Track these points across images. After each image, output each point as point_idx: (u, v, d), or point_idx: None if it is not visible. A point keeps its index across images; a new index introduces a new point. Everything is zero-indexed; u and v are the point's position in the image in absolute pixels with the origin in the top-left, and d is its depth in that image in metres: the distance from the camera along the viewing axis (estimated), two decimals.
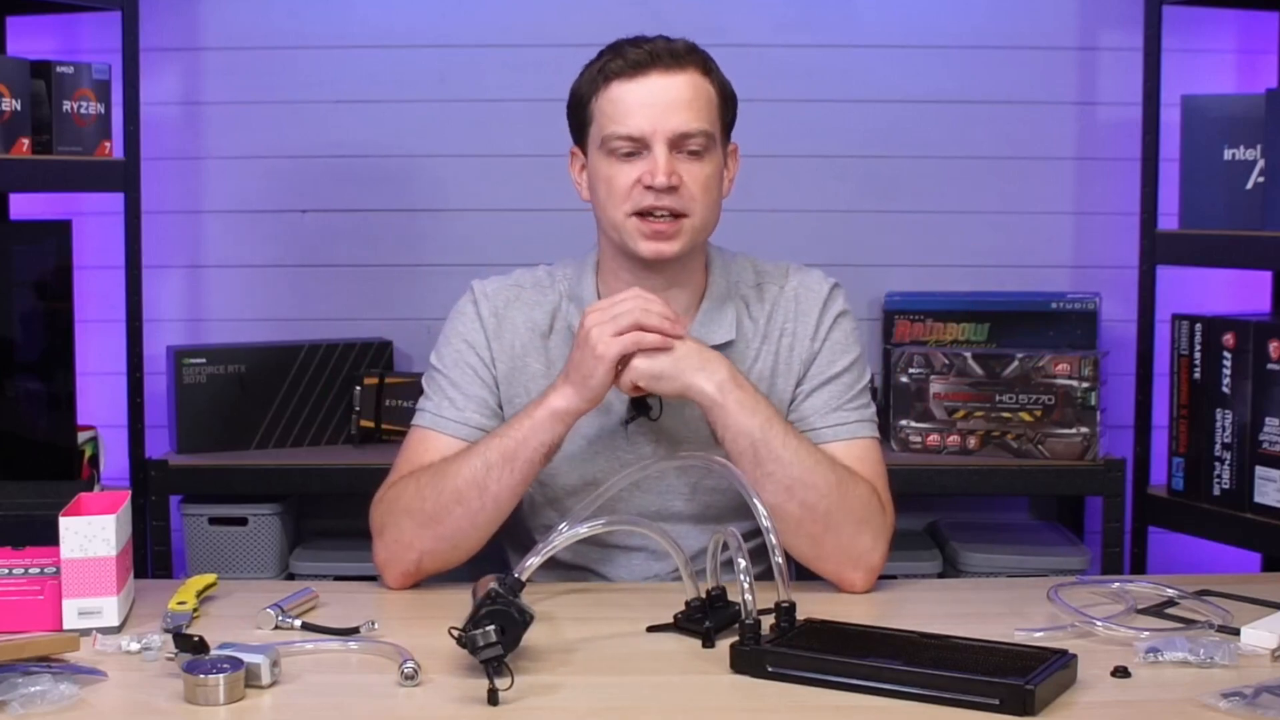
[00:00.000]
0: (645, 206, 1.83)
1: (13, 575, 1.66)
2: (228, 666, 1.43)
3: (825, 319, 1.94)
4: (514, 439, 1.80)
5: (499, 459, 1.79)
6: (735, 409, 1.78)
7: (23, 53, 2.77)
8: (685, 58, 1.85)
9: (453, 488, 1.80)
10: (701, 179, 1.84)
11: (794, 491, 1.78)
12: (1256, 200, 2.56)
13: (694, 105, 1.84)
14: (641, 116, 1.82)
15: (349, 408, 3.00)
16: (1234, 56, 3.08)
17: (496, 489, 1.80)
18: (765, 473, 1.77)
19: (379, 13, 3.08)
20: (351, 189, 3.11)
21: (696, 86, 1.85)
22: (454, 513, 1.80)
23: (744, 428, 1.78)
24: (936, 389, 2.89)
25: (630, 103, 1.83)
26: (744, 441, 1.78)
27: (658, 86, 1.83)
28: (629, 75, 1.84)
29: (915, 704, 1.43)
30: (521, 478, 1.81)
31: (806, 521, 1.79)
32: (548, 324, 1.95)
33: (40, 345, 2.61)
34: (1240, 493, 2.62)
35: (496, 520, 1.84)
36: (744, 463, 1.77)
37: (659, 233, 1.84)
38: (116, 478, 2.89)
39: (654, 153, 1.82)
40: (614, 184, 1.85)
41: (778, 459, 1.78)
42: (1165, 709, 1.43)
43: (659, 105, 1.83)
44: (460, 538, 1.83)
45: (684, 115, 1.83)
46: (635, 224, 1.84)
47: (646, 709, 1.46)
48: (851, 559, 1.82)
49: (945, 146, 3.10)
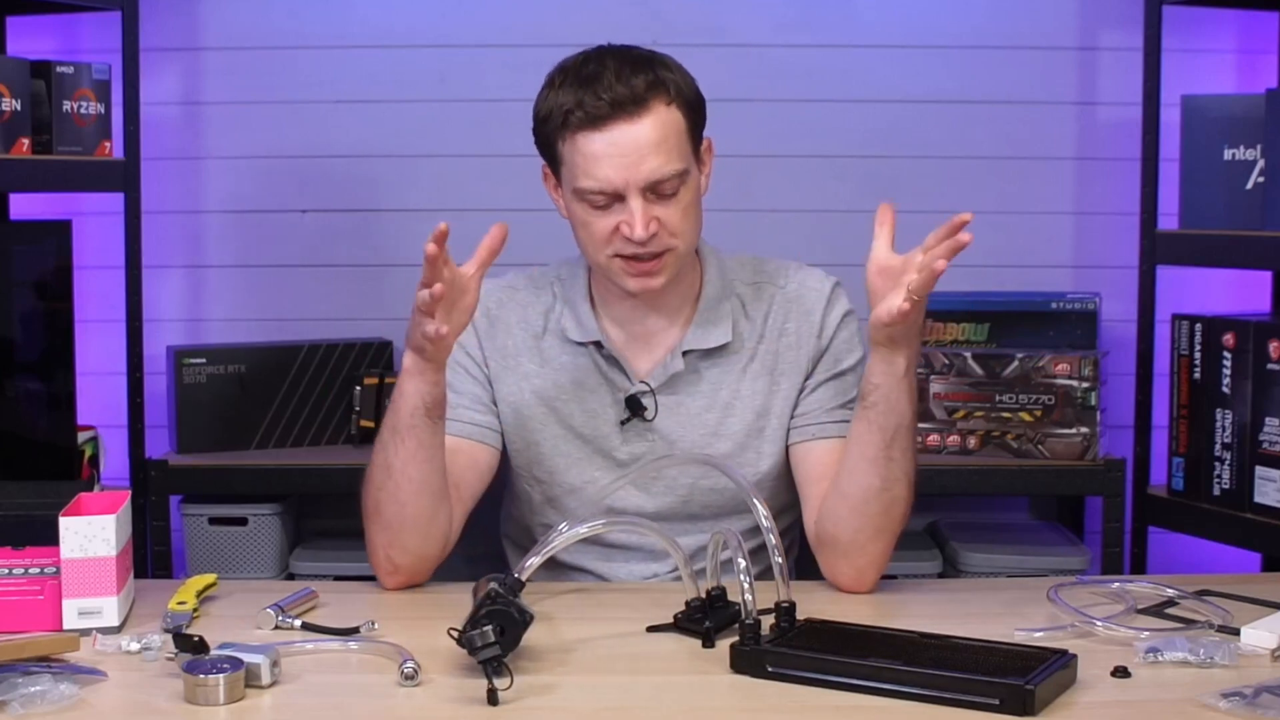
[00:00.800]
0: (626, 253, 1.81)
1: (13, 575, 1.66)
2: (228, 666, 1.43)
3: (831, 316, 1.94)
4: (392, 413, 1.78)
5: (389, 436, 1.78)
6: (908, 388, 1.76)
7: (23, 53, 2.77)
8: (646, 97, 1.78)
9: (372, 478, 1.81)
10: (678, 216, 1.81)
11: (895, 486, 1.78)
12: (1256, 200, 2.56)
13: (663, 146, 1.78)
14: (610, 169, 1.77)
15: (349, 408, 3.00)
16: (1234, 56, 3.08)
17: (399, 463, 1.77)
18: (888, 456, 1.76)
19: (379, 13, 3.08)
20: (351, 189, 3.11)
21: (664, 124, 1.79)
22: (381, 500, 1.80)
23: (903, 408, 1.75)
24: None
25: (598, 155, 1.78)
26: (893, 419, 1.75)
27: (623, 137, 1.77)
28: (593, 127, 1.78)
29: (915, 704, 1.43)
30: (416, 444, 1.76)
31: (882, 515, 1.79)
32: (542, 325, 1.95)
33: (40, 345, 2.61)
34: (1240, 493, 2.62)
35: (423, 495, 1.79)
36: (875, 438, 1.76)
37: (644, 271, 1.82)
38: (116, 478, 2.89)
39: (629, 204, 1.78)
40: (592, 230, 1.82)
41: (904, 450, 1.77)
42: (1165, 709, 1.43)
43: (628, 157, 1.77)
44: (399, 522, 1.80)
45: (654, 162, 1.78)
46: (619, 264, 1.83)
47: (646, 709, 1.46)
48: (876, 564, 1.83)
49: (945, 146, 3.10)
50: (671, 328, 1.93)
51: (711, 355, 1.93)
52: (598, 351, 1.93)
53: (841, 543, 1.82)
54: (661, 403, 1.91)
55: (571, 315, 1.94)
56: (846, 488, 1.81)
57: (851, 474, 1.80)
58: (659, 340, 1.93)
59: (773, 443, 1.93)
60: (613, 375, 1.92)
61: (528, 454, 1.95)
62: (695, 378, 1.93)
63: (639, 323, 1.93)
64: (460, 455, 1.88)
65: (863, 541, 1.80)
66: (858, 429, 1.79)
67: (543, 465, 1.94)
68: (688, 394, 1.92)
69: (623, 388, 1.92)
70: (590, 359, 1.93)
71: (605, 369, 1.93)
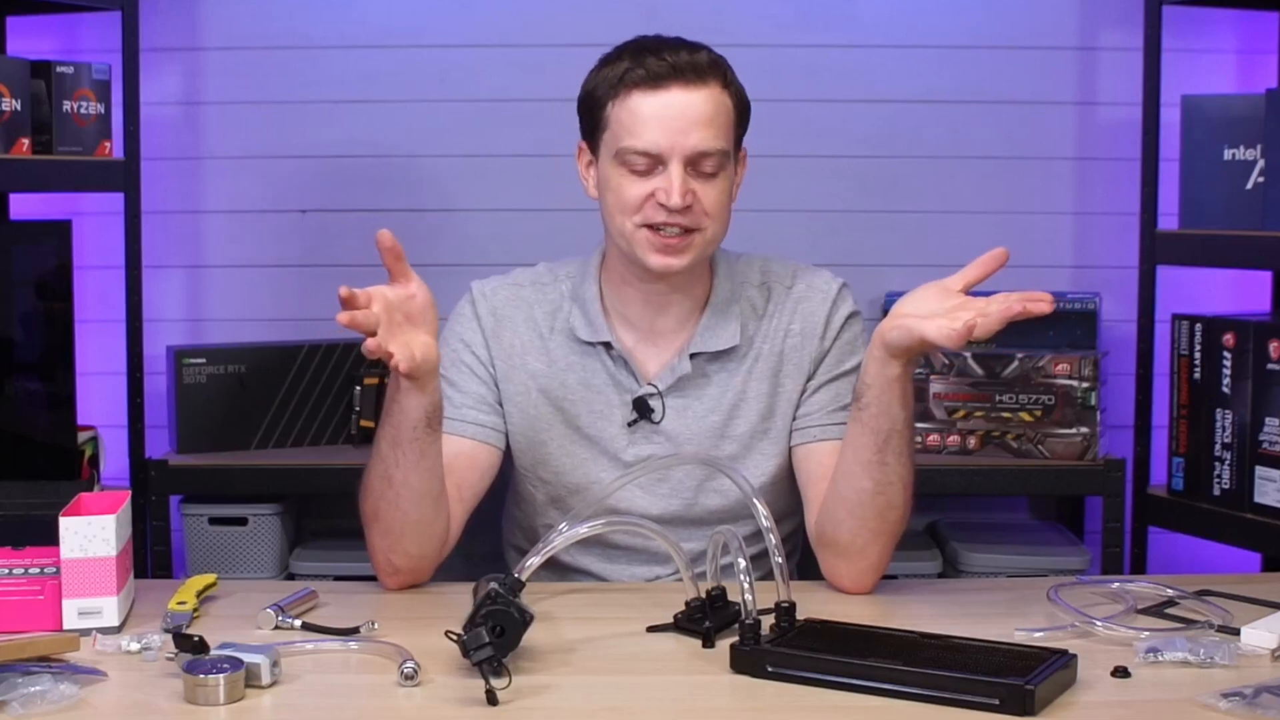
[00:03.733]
0: (656, 222, 1.81)
1: (13, 575, 1.66)
2: (228, 666, 1.43)
3: (836, 318, 1.94)
4: (392, 423, 1.76)
5: (389, 447, 1.77)
6: (902, 393, 1.74)
7: (23, 53, 2.78)
8: (707, 71, 1.81)
9: (370, 485, 1.80)
10: (714, 196, 1.82)
11: (889, 489, 1.77)
12: (1256, 200, 2.56)
13: (714, 123, 1.80)
14: (659, 132, 1.79)
15: (349, 408, 3.00)
16: (1234, 56, 3.08)
17: (400, 474, 1.76)
18: (882, 460, 1.75)
19: (379, 13, 3.08)
20: (351, 189, 3.11)
21: (717, 102, 1.81)
22: (381, 508, 1.79)
23: (895, 412, 1.74)
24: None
25: (648, 116, 1.79)
26: (886, 423, 1.74)
27: (677, 101, 1.79)
28: (648, 87, 1.79)
29: (915, 704, 1.43)
30: (417, 455, 1.75)
31: (877, 519, 1.78)
32: (549, 323, 1.95)
33: (40, 345, 2.61)
34: (1240, 493, 2.62)
35: (423, 503, 1.79)
36: (868, 440, 1.75)
37: (669, 247, 1.82)
38: (116, 478, 2.89)
39: (669, 171, 1.79)
40: (625, 195, 1.82)
41: (899, 455, 1.76)
42: (1165, 709, 1.43)
43: (677, 122, 1.79)
44: (400, 529, 1.80)
45: (702, 134, 1.79)
46: (645, 236, 1.82)
47: (646, 709, 1.46)
48: (875, 567, 1.82)
49: (945, 146, 3.10)
50: (681, 330, 1.93)
51: (719, 357, 1.93)
52: (606, 352, 1.92)
53: (840, 544, 1.81)
54: (669, 405, 1.91)
55: (581, 315, 1.93)
56: (842, 490, 1.81)
57: (846, 477, 1.80)
58: (668, 342, 1.93)
59: (777, 444, 1.93)
60: (621, 376, 1.92)
61: (533, 454, 1.95)
62: (703, 380, 1.92)
63: (649, 324, 1.93)
64: (462, 455, 1.88)
65: (860, 544, 1.80)
66: (852, 431, 1.79)
67: (548, 465, 1.94)
68: (695, 396, 1.92)
69: (630, 389, 1.91)
70: (599, 359, 1.93)
71: (613, 370, 1.92)
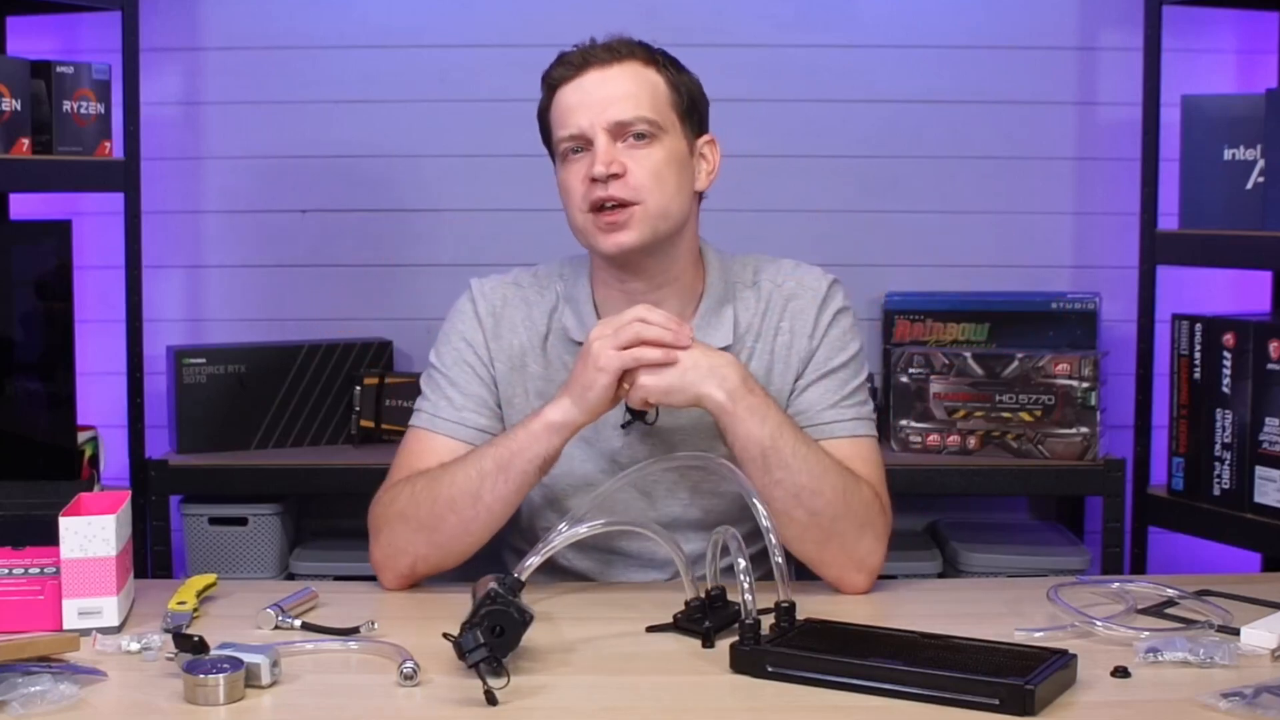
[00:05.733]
0: (595, 199, 1.82)
1: (13, 575, 1.66)
2: (228, 666, 1.43)
3: (824, 315, 1.93)
4: (509, 449, 1.79)
5: (493, 468, 1.78)
6: (746, 416, 1.76)
7: (23, 53, 2.77)
8: (622, 51, 1.86)
9: (447, 495, 1.80)
10: (649, 165, 1.83)
11: (802, 499, 1.77)
12: (1256, 200, 2.56)
13: (633, 95, 1.84)
14: (580, 114, 1.83)
15: (349, 408, 3.00)
16: (1234, 56, 3.08)
17: (490, 498, 1.79)
18: (774, 480, 1.76)
19: (379, 13, 3.08)
20: (351, 189, 3.11)
21: (637, 76, 1.85)
22: (448, 520, 1.80)
23: (755, 435, 1.76)
24: (936, 389, 2.89)
25: (572, 104, 1.84)
26: (754, 449, 1.76)
27: (592, 82, 1.84)
28: (568, 79, 1.85)
29: (915, 704, 1.43)
30: (516, 488, 1.80)
31: (812, 528, 1.79)
32: (545, 325, 1.95)
33: (40, 345, 2.61)
34: (1240, 493, 2.62)
35: (491, 528, 1.83)
36: (753, 469, 1.76)
37: (611, 224, 1.82)
38: (116, 478, 2.89)
39: (595, 146, 1.82)
40: (568, 186, 1.86)
41: (786, 466, 1.76)
42: (1165, 709, 1.43)
43: (595, 100, 1.83)
44: (454, 544, 1.83)
45: (621, 105, 1.83)
46: (590, 220, 1.84)
47: (646, 709, 1.46)
48: (854, 562, 1.82)
49: (945, 146, 3.10)
50: None
51: None
52: None
53: (803, 553, 1.82)
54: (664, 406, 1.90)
55: (574, 314, 1.93)
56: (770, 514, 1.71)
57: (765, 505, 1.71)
58: None
59: None
60: None
61: None
62: None
63: None
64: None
65: (815, 551, 1.81)
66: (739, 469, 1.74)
67: None
68: None
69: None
70: None
71: None
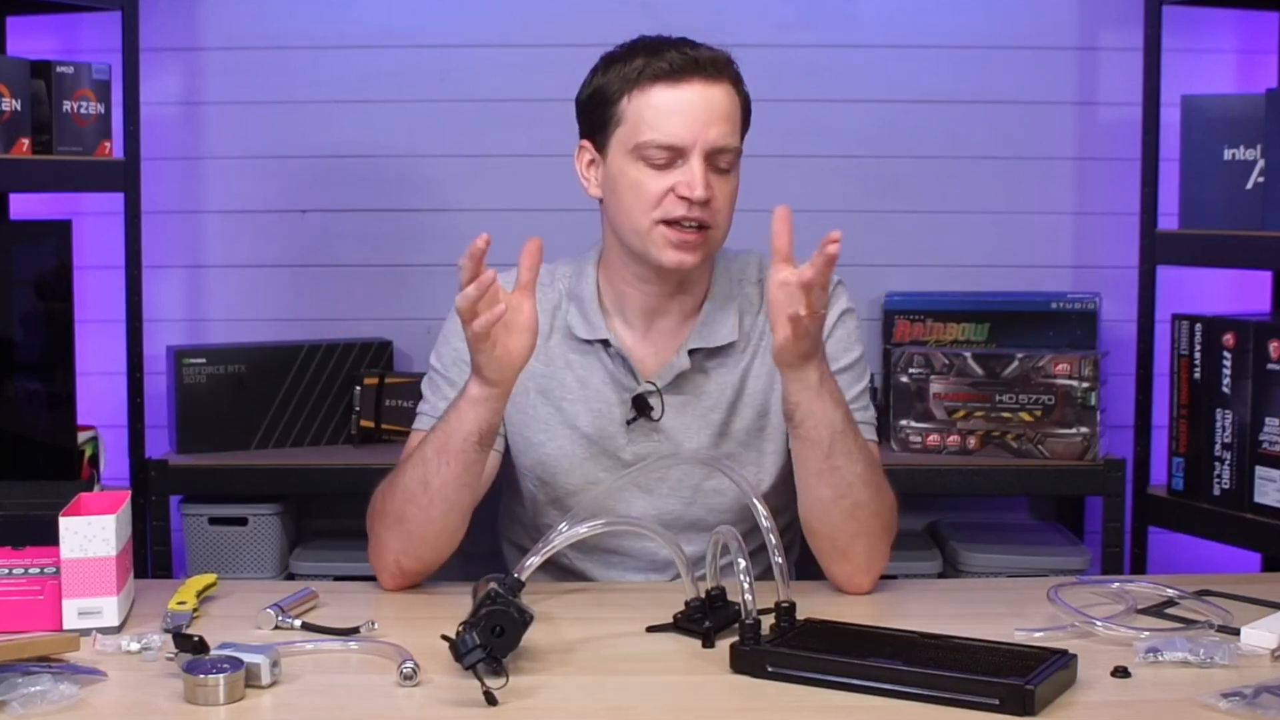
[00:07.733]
0: (675, 216, 1.81)
1: (13, 575, 1.66)
2: (228, 666, 1.43)
3: (829, 315, 1.93)
4: (445, 432, 1.77)
5: (434, 453, 1.77)
6: (829, 396, 1.76)
7: (23, 53, 2.77)
8: (725, 68, 1.83)
9: (403, 487, 1.80)
10: (727, 192, 1.83)
11: (853, 490, 1.77)
12: (1256, 200, 2.56)
13: (730, 119, 1.82)
14: (682, 125, 1.79)
15: (349, 408, 3.00)
16: (1234, 56, 3.08)
17: (438, 483, 1.77)
18: (832, 465, 1.76)
19: (379, 13, 3.08)
20: (351, 189, 3.11)
21: (732, 100, 1.83)
22: (408, 512, 1.79)
23: (830, 418, 1.75)
24: (936, 389, 2.89)
25: (670, 110, 1.80)
26: (825, 431, 1.75)
27: (699, 95, 1.80)
28: (670, 80, 1.80)
29: (915, 704, 1.43)
30: (461, 468, 1.76)
31: (850, 520, 1.79)
32: (547, 323, 1.94)
33: (40, 345, 2.61)
34: (1240, 493, 2.62)
35: (452, 515, 1.80)
36: (813, 452, 1.76)
37: (686, 243, 1.81)
38: (116, 478, 2.89)
39: (690, 164, 1.79)
40: (643, 190, 1.82)
41: (849, 454, 1.76)
42: (1165, 709, 1.43)
43: (700, 114, 1.80)
44: (421, 535, 1.80)
45: (722, 128, 1.81)
46: (662, 232, 1.82)
47: (646, 709, 1.46)
48: (868, 564, 1.82)
49: (945, 146, 3.10)
50: (679, 327, 1.93)
51: (717, 354, 1.93)
52: (604, 350, 1.92)
53: (821, 550, 1.83)
54: (668, 402, 1.90)
55: (579, 313, 1.93)
56: (806, 502, 1.82)
57: (804, 490, 1.81)
58: (666, 339, 1.93)
59: (774, 441, 1.93)
60: (619, 374, 1.92)
61: (532, 454, 1.95)
62: (701, 377, 1.92)
63: (648, 322, 1.93)
64: None
65: (841, 546, 1.81)
66: (795, 449, 1.80)
67: (547, 466, 1.94)
68: (694, 393, 1.92)
69: (629, 387, 1.91)
70: (597, 357, 1.93)
71: (612, 368, 1.92)
